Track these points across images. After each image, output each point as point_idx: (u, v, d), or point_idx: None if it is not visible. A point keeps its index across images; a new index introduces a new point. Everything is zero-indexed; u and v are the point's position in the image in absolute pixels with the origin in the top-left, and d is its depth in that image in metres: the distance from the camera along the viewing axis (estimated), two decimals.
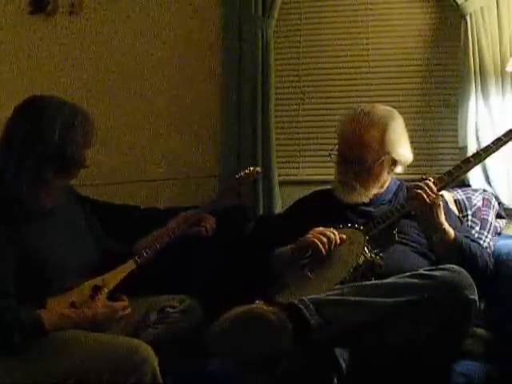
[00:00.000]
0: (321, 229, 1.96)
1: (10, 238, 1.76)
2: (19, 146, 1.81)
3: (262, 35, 2.63)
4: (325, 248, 1.91)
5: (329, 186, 2.20)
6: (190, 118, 2.79)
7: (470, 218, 2.31)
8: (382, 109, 2.12)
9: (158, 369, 1.67)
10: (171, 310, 2.01)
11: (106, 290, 1.86)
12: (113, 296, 1.88)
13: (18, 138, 1.82)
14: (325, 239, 1.92)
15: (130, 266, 1.97)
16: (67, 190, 1.99)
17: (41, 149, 1.81)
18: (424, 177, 1.97)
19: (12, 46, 2.87)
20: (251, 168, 2.18)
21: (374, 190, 2.10)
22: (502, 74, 2.48)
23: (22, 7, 2.86)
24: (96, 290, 1.85)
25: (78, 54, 2.85)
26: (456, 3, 2.50)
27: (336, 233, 1.95)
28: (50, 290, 1.80)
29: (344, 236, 1.95)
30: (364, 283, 1.75)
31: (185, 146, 2.79)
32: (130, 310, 1.86)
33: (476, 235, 2.23)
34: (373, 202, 2.10)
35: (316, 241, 1.92)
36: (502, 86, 2.49)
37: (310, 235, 1.95)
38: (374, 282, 1.79)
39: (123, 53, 2.84)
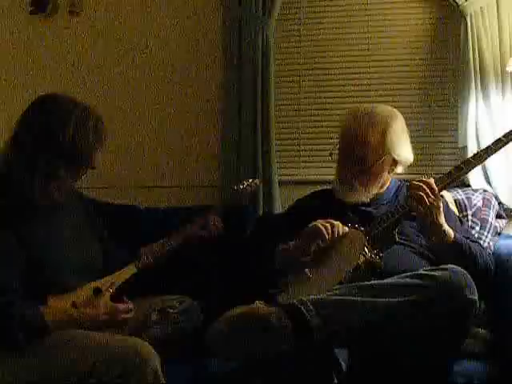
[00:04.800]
0: (323, 220, 1.96)
1: (17, 234, 1.77)
2: (32, 142, 1.81)
3: (262, 35, 2.63)
4: (328, 233, 1.91)
5: (329, 186, 2.20)
6: (190, 118, 2.80)
7: (470, 218, 2.31)
8: (383, 109, 2.12)
9: (159, 368, 1.67)
10: (171, 311, 2.02)
11: (110, 291, 1.87)
12: (117, 299, 1.88)
13: (30, 134, 1.82)
14: (329, 225, 1.92)
15: (131, 269, 1.98)
16: (72, 191, 1.99)
17: (53, 146, 1.81)
18: (425, 176, 1.97)
19: (12, 45, 2.87)
20: (250, 180, 2.21)
21: (375, 190, 2.10)
22: (502, 74, 2.48)
23: (22, 7, 2.86)
24: (97, 291, 1.86)
25: (78, 54, 2.85)
26: (456, 3, 2.50)
27: (339, 223, 1.94)
28: (52, 288, 1.80)
29: (346, 228, 1.95)
30: (364, 283, 1.75)
31: (185, 147, 2.79)
32: (132, 313, 1.86)
33: (476, 235, 2.23)
34: (373, 202, 2.10)
35: (320, 226, 1.92)
36: (502, 86, 2.49)
37: (314, 223, 1.95)
38: (373, 281, 1.78)
39: (123, 53, 2.84)
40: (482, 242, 2.21)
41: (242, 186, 2.20)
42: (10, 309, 1.68)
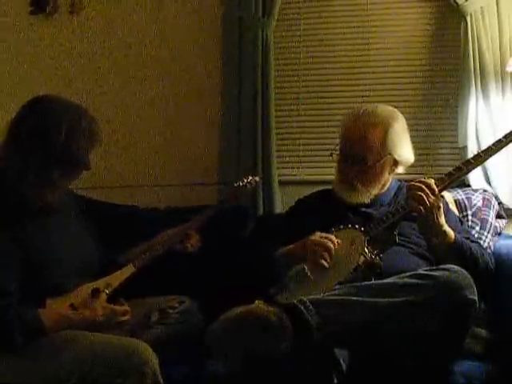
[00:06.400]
0: (317, 239, 1.94)
1: (13, 237, 1.77)
2: (25, 145, 1.81)
3: (262, 35, 2.63)
4: (326, 261, 1.90)
5: (329, 186, 2.20)
6: (191, 118, 2.80)
7: (470, 218, 2.31)
8: (384, 109, 2.12)
9: (158, 369, 1.67)
10: (171, 311, 2.01)
11: (106, 292, 1.86)
12: (113, 300, 1.88)
13: (23, 137, 1.82)
14: (325, 253, 1.90)
15: (129, 269, 1.97)
16: (66, 191, 1.98)
17: (46, 148, 1.81)
18: (425, 177, 1.97)
19: (12, 45, 2.87)
20: (250, 177, 2.21)
21: (375, 191, 2.10)
22: (502, 74, 2.48)
23: (22, 7, 2.86)
24: (95, 292, 1.85)
25: (78, 54, 2.85)
26: (456, 3, 2.50)
27: (333, 238, 1.93)
28: (50, 289, 1.80)
29: (339, 241, 1.94)
30: (364, 283, 1.75)
31: (185, 146, 2.79)
32: (129, 316, 1.85)
33: (476, 235, 2.23)
34: (373, 203, 2.10)
35: (317, 259, 1.91)
36: (502, 86, 2.49)
37: (310, 249, 1.94)
38: (373, 282, 1.79)
39: (123, 53, 2.84)
40: (482, 242, 2.21)
41: (241, 184, 2.20)
42: (8, 311, 1.68)
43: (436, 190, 1.91)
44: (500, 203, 2.44)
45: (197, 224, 2.12)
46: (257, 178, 2.24)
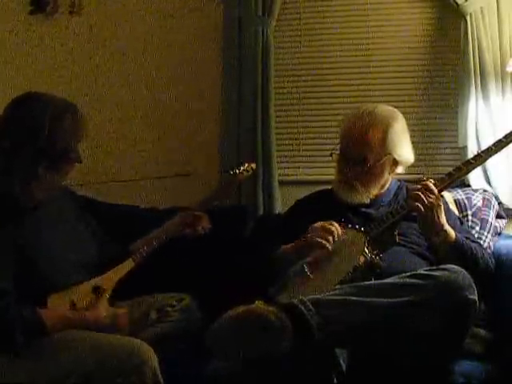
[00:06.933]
0: (320, 224, 1.96)
1: (9, 235, 1.76)
2: (9, 142, 1.81)
3: (262, 35, 2.63)
4: (330, 244, 1.91)
5: (329, 186, 2.20)
6: (190, 119, 2.80)
7: (470, 218, 2.31)
8: (384, 109, 2.12)
9: (158, 368, 1.67)
10: (170, 309, 2.01)
11: (107, 293, 1.86)
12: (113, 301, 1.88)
13: (8, 134, 1.82)
14: (329, 236, 1.92)
15: (128, 264, 1.97)
16: (62, 188, 1.98)
17: (31, 143, 1.80)
18: (424, 178, 1.97)
19: (12, 45, 2.87)
20: (246, 164, 2.20)
21: (375, 191, 2.10)
22: (502, 74, 2.48)
23: (22, 7, 2.86)
24: (96, 289, 1.85)
25: (77, 54, 2.85)
26: (456, 3, 2.50)
27: (336, 224, 1.94)
28: (48, 286, 1.80)
29: (343, 229, 1.95)
30: (364, 283, 1.75)
31: (184, 148, 2.79)
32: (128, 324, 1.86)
33: (476, 235, 2.23)
34: (373, 203, 2.10)
35: (320, 241, 1.92)
36: (502, 86, 2.49)
37: (313, 234, 1.95)
38: (373, 282, 1.79)
39: (123, 52, 2.84)
40: (481, 241, 2.21)
41: (237, 171, 2.18)
42: (8, 311, 1.68)
43: (435, 190, 1.91)
44: (500, 203, 2.44)
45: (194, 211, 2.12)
46: (253, 165, 2.22)
